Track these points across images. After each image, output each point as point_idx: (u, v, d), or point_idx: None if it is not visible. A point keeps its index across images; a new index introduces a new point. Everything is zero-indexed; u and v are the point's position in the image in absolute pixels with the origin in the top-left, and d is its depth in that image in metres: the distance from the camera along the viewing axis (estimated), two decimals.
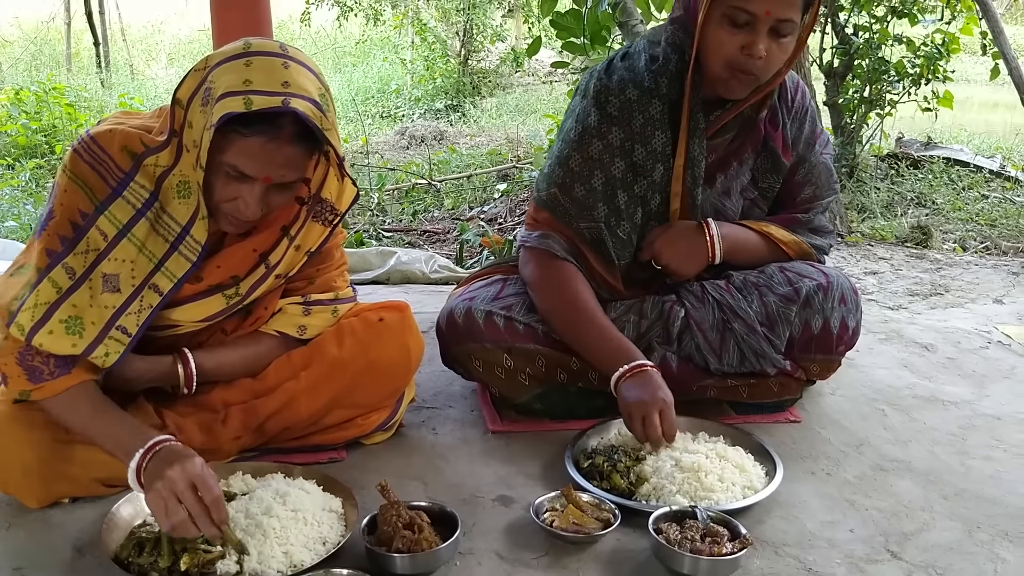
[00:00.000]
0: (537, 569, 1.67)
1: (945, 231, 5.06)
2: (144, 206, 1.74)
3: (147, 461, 1.64)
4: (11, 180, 6.20)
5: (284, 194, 1.75)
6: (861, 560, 1.72)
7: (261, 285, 1.91)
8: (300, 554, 1.63)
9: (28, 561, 1.67)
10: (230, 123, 1.60)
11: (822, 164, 2.35)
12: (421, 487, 1.97)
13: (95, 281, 1.75)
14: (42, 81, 8.12)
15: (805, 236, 2.33)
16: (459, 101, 9.93)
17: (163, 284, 1.79)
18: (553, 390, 2.25)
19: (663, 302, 2.26)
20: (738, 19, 2.00)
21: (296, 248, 1.92)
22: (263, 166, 1.65)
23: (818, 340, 2.24)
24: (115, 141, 1.74)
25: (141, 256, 1.76)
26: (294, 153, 1.67)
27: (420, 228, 5.06)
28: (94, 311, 1.75)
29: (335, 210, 1.93)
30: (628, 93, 2.17)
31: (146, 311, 1.78)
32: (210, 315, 1.90)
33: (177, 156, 1.73)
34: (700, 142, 2.18)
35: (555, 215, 2.24)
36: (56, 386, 1.75)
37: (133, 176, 1.73)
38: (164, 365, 1.91)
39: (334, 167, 1.86)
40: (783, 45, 2.05)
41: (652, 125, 2.17)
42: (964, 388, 2.60)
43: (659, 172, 2.20)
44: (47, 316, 1.71)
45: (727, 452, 1.98)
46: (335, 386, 2.01)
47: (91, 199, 1.73)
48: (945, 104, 5.98)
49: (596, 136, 2.19)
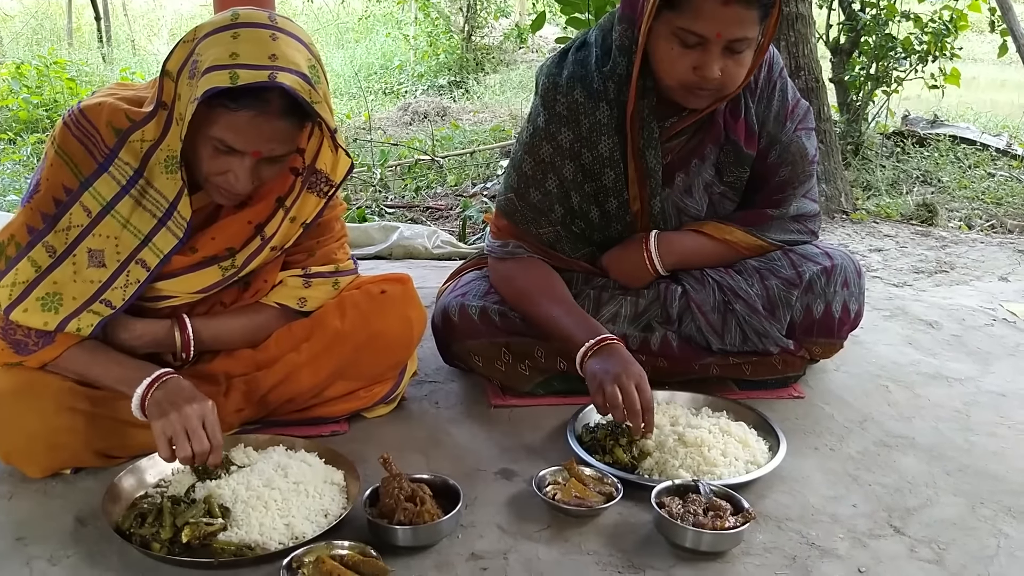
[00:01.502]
0: (539, 542, 1.67)
1: (951, 209, 5.04)
2: (128, 183, 1.73)
3: (153, 390, 1.71)
4: (12, 155, 6.18)
5: (275, 166, 1.74)
6: (864, 535, 1.72)
7: (257, 257, 1.90)
8: (302, 526, 1.63)
9: (30, 531, 1.67)
10: (217, 96, 1.58)
11: (796, 143, 2.19)
12: (423, 460, 1.97)
13: (79, 256, 1.74)
14: (43, 55, 8.07)
15: (778, 233, 2.21)
16: (462, 77, 9.86)
17: (150, 259, 1.78)
18: (555, 378, 2.24)
19: (659, 282, 2.23)
20: (687, 40, 1.89)
21: (291, 220, 1.90)
22: (251, 140, 1.64)
23: (820, 324, 2.22)
24: (103, 115, 1.73)
25: (125, 232, 1.75)
26: (283, 127, 1.65)
27: (423, 204, 5.03)
28: (77, 286, 1.75)
29: (330, 181, 1.91)
30: (576, 95, 2.07)
31: (132, 286, 1.78)
32: (205, 287, 1.89)
33: (165, 129, 1.71)
34: (655, 152, 2.10)
35: (513, 222, 2.21)
36: (44, 356, 1.79)
37: (118, 152, 1.72)
38: (162, 328, 1.90)
39: (327, 139, 1.84)
40: (740, 59, 1.94)
41: (598, 131, 2.08)
42: (969, 365, 2.59)
43: (609, 177, 2.13)
44: (24, 294, 1.73)
45: (730, 427, 1.97)
46: (337, 358, 2.00)
47: (76, 175, 1.73)
48: (952, 82, 5.94)
49: (545, 139, 2.12)
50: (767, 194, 2.23)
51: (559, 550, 1.65)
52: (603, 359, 1.95)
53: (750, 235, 2.20)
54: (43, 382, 1.80)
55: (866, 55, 5.76)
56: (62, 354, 1.79)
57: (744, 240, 2.20)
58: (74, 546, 1.63)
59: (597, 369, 1.93)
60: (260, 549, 1.58)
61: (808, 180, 2.25)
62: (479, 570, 1.58)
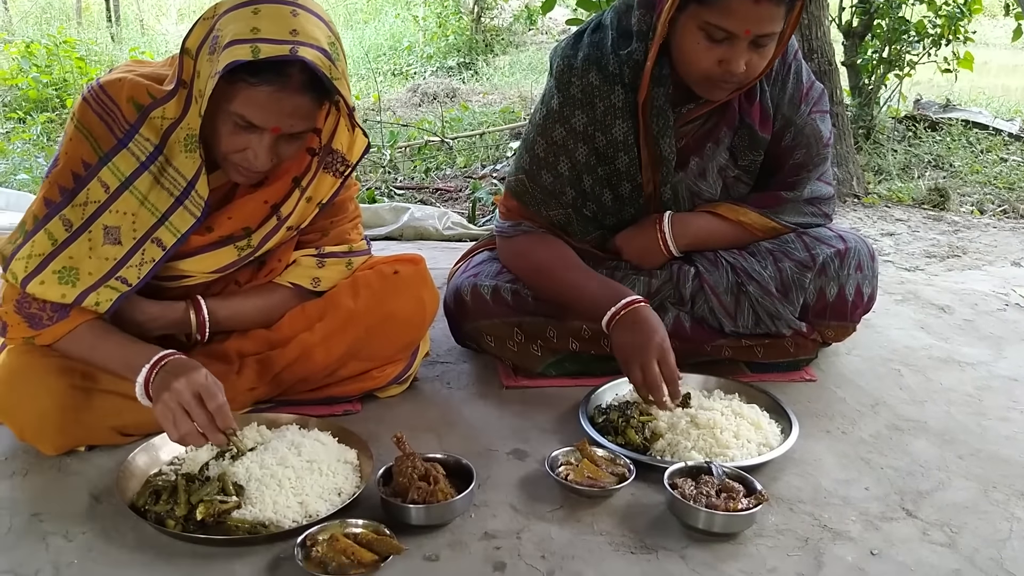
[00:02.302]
0: (552, 522, 1.68)
1: (963, 194, 5.01)
2: (148, 159, 1.73)
3: (154, 375, 1.69)
4: (23, 133, 6.19)
5: (294, 144, 1.73)
6: (876, 518, 1.72)
7: (273, 236, 1.90)
8: (315, 504, 1.64)
9: (46, 507, 1.68)
10: (238, 72, 1.58)
11: (810, 125, 2.18)
12: (435, 440, 1.97)
13: (95, 233, 1.74)
14: (52, 34, 8.07)
15: (792, 215, 2.21)
16: (472, 59, 9.83)
17: (166, 238, 1.78)
18: (567, 358, 2.24)
19: (671, 263, 2.22)
20: (715, 35, 1.88)
21: (308, 200, 1.90)
22: (271, 116, 1.63)
23: (833, 307, 2.22)
24: (123, 91, 1.72)
25: (143, 209, 1.75)
26: (303, 102, 1.64)
27: (432, 186, 5.03)
28: (93, 262, 1.75)
29: (346, 161, 1.91)
30: (591, 77, 2.05)
31: (148, 264, 1.78)
32: (221, 266, 1.89)
33: (185, 108, 1.71)
34: (669, 140, 2.09)
35: (524, 203, 2.20)
36: (57, 331, 1.78)
37: (138, 128, 1.72)
38: (177, 311, 1.91)
39: (344, 117, 1.83)
40: (764, 52, 1.93)
41: (613, 114, 2.07)
42: (981, 350, 2.58)
43: (623, 161, 2.11)
44: (41, 267, 1.73)
45: (743, 409, 1.97)
46: (350, 338, 2.01)
47: (96, 150, 1.72)
48: (965, 66, 5.90)
49: (559, 121, 2.10)
50: (782, 177, 2.22)
51: (571, 530, 1.65)
52: (627, 329, 1.95)
53: (764, 217, 2.19)
54: (56, 359, 1.81)
55: (879, 38, 5.72)
56: (72, 331, 1.78)
57: (758, 222, 2.20)
58: (89, 523, 1.63)
59: (622, 344, 1.94)
60: (274, 527, 1.59)
61: (823, 163, 2.24)
62: (492, 549, 1.59)
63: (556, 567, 1.55)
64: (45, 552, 1.55)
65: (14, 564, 1.51)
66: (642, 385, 1.91)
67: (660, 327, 1.94)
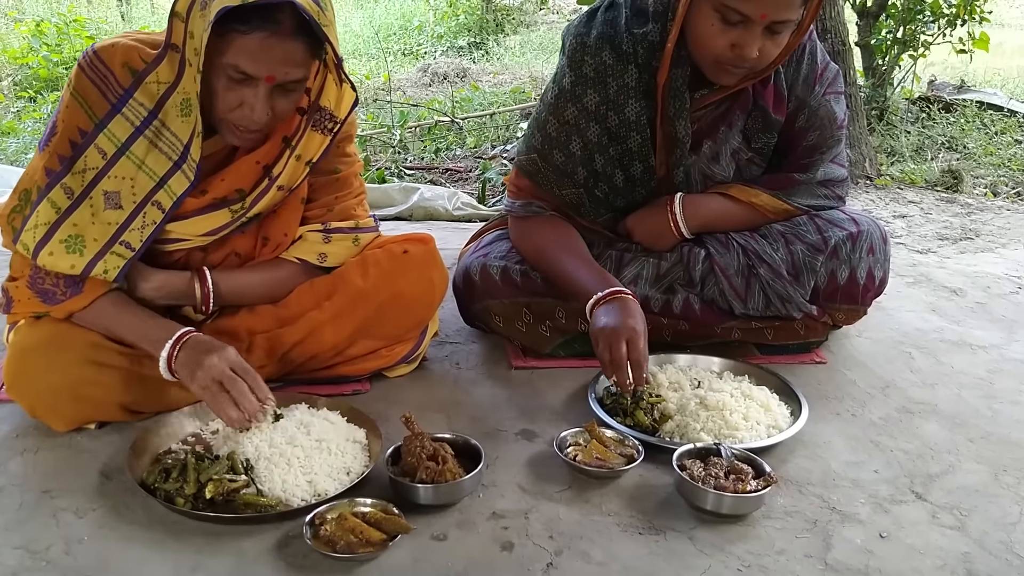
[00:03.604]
0: (560, 502, 1.68)
1: (976, 176, 4.97)
2: (143, 124, 1.75)
3: (177, 350, 1.73)
4: (33, 112, 6.19)
5: (289, 98, 1.74)
6: (885, 500, 1.72)
7: (264, 197, 1.90)
8: (324, 483, 1.64)
9: (57, 484, 1.68)
10: (229, 23, 1.59)
11: (824, 107, 2.16)
12: (444, 420, 1.97)
13: (96, 199, 1.76)
14: (63, 13, 8.06)
15: (805, 197, 2.20)
16: (482, 38, 9.78)
17: (165, 201, 1.80)
18: (575, 338, 2.23)
19: (682, 245, 2.22)
20: (730, 18, 1.86)
21: (297, 158, 1.90)
22: (264, 63, 1.64)
23: (844, 290, 2.21)
24: (117, 56, 1.75)
25: (141, 174, 1.77)
26: (294, 48, 1.65)
27: (442, 166, 5.01)
28: (96, 228, 1.77)
29: (334, 118, 1.91)
30: (604, 56, 2.03)
31: (149, 227, 1.80)
32: (214, 228, 1.90)
33: (180, 72, 1.72)
34: (684, 123, 2.07)
35: (536, 182, 2.19)
36: (71, 305, 1.81)
37: (132, 93, 1.74)
38: (182, 280, 1.92)
39: (332, 70, 1.84)
40: (779, 40, 1.91)
41: (626, 94, 2.05)
42: (993, 333, 2.56)
43: (635, 141, 2.10)
44: (48, 236, 1.75)
45: (752, 391, 1.97)
46: (359, 316, 2.01)
47: (91, 117, 1.75)
48: (980, 46, 5.83)
49: (571, 100, 2.09)
50: (795, 159, 2.20)
51: (580, 511, 1.65)
52: (605, 311, 1.92)
53: (776, 199, 2.18)
54: (67, 336, 1.82)
55: (893, 18, 5.66)
56: (89, 306, 1.81)
57: (770, 204, 2.18)
58: (99, 499, 1.64)
59: (596, 323, 1.92)
60: (283, 506, 1.59)
61: (836, 145, 2.23)
62: (500, 529, 1.59)
63: (564, 547, 1.55)
64: (56, 528, 1.56)
65: (26, 540, 1.52)
66: (608, 364, 1.88)
67: (639, 316, 1.91)
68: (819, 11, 1.96)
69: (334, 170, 2.01)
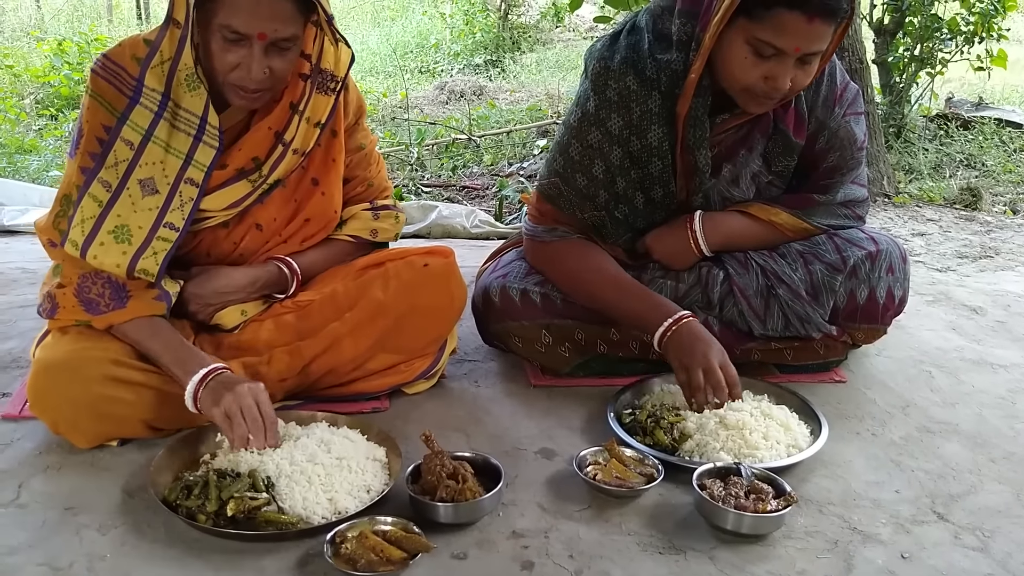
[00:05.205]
0: (580, 521, 1.68)
1: (995, 193, 4.95)
2: (160, 108, 1.82)
3: (205, 384, 1.77)
4: (55, 130, 6.26)
5: (285, 56, 1.79)
6: (907, 521, 1.71)
7: (281, 163, 1.97)
8: (344, 501, 1.64)
9: (79, 501, 1.70)
10: None
11: (844, 128, 2.15)
12: (463, 438, 1.98)
13: (133, 189, 1.84)
14: (84, 32, 8.17)
15: (824, 217, 2.19)
16: (499, 56, 9.83)
17: (196, 176, 1.88)
18: (594, 360, 2.23)
19: (700, 266, 2.21)
20: (763, 52, 1.86)
21: (307, 120, 1.97)
22: (254, 20, 1.70)
23: (863, 310, 2.20)
24: (125, 51, 1.84)
25: (169, 155, 1.85)
26: (283, 5, 1.72)
27: (459, 184, 5.04)
28: (139, 216, 1.85)
29: (335, 78, 1.98)
30: (628, 81, 2.03)
31: (188, 204, 1.88)
32: (235, 200, 1.96)
33: (180, 47, 1.78)
34: (705, 152, 2.07)
35: (558, 207, 2.18)
36: (112, 318, 1.86)
37: (143, 81, 1.81)
38: (264, 272, 2.05)
39: (325, 28, 1.87)
40: (809, 69, 1.92)
41: (649, 119, 2.04)
42: (1014, 351, 2.55)
43: (656, 166, 2.09)
44: (96, 229, 1.83)
45: (772, 410, 1.96)
46: (379, 329, 2.03)
47: (112, 112, 1.82)
48: (999, 63, 5.82)
49: (595, 124, 2.08)
50: (815, 180, 2.20)
51: (600, 530, 1.65)
52: (684, 339, 1.97)
53: (796, 218, 2.18)
54: (90, 353, 1.83)
55: (911, 36, 5.65)
56: (129, 321, 1.86)
57: (789, 223, 2.18)
58: (122, 517, 1.65)
59: (680, 352, 1.96)
60: (303, 523, 1.60)
61: (857, 166, 2.22)
62: (520, 548, 1.59)
63: (584, 567, 1.55)
64: (79, 545, 1.57)
65: (49, 557, 1.53)
66: (699, 388, 1.91)
67: (714, 341, 1.97)
68: (844, 37, 1.96)
69: (360, 146, 2.13)
